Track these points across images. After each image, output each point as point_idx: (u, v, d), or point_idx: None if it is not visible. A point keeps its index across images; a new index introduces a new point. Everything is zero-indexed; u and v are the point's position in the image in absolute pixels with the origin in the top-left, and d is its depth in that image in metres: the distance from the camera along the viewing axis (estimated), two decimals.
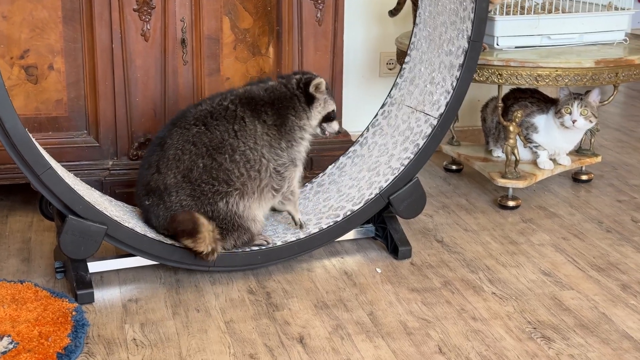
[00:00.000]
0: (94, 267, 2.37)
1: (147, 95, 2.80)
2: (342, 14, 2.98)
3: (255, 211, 2.39)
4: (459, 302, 2.32)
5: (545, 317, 2.23)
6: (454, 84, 2.50)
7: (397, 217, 2.63)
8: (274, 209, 2.56)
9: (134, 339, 2.09)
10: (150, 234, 2.34)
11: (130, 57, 2.75)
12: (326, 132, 2.51)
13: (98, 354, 2.02)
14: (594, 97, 2.98)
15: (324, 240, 2.53)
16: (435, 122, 2.54)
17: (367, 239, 2.70)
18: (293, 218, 2.51)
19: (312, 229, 2.50)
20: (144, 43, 2.76)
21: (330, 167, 2.77)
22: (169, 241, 2.33)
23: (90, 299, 2.27)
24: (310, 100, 2.46)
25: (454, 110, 2.54)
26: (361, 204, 2.53)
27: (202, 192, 2.32)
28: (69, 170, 2.53)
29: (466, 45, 2.50)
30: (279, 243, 2.47)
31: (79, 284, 2.27)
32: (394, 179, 2.53)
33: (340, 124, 2.60)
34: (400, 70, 2.76)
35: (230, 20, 2.85)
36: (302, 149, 2.46)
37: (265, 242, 2.46)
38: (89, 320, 2.14)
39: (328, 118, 2.50)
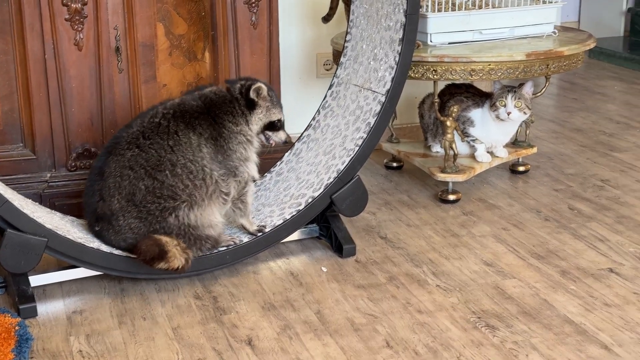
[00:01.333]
0: (35, 280, 2.34)
1: (83, 105, 2.77)
2: (276, 17, 2.99)
3: (210, 217, 2.37)
4: (404, 296, 2.35)
5: (489, 306, 2.28)
6: (397, 59, 2.53)
7: (341, 215, 2.65)
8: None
9: (80, 351, 2.07)
10: (93, 243, 2.31)
11: (64, 67, 2.72)
12: (271, 141, 2.50)
13: None
14: (527, 90, 3.05)
15: (290, 231, 2.54)
16: (383, 98, 2.56)
17: (312, 239, 2.72)
18: (247, 231, 2.50)
19: (276, 220, 2.52)
20: (77, 53, 2.73)
21: (286, 154, 2.77)
22: (115, 252, 2.31)
23: (33, 313, 2.24)
24: (251, 105, 2.45)
25: (400, 85, 2.56)
26: (321, 190, 2.54)
27: (148, 212, 2.30)
28: (7, 184, 2.49)
29: (403, 19, 2.52)
30: (245, 239, 2.47)
31: (21, 298, 2.24)
32: (350, 160, 2.54)
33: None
34: (342, 49, 2.78)
35: (164, 26, 2.84)
36: (240, 157, 2.42)
37: (232, 243, 2.45)
38: (32, 335, 2.11)
39: (273, 126, 2.48)
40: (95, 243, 2.33)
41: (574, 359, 2.01)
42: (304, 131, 2.80)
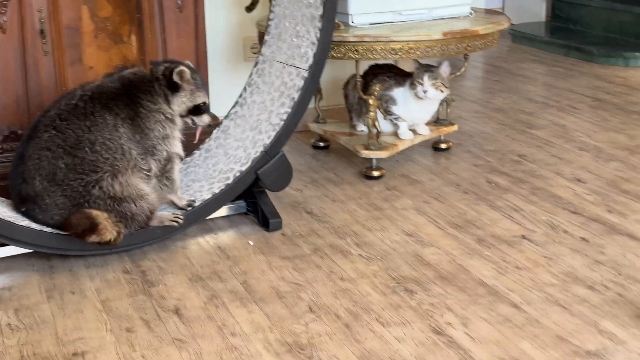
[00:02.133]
0: None
1: (8, 88, 2.78)
2: (202, 0, 3.04)
3: (138, 186, 2.40)
4: (328, 265, 2.44)
5: (408, 273, 2.38)
6: (318, 35, 2.61)
7: (267, 191, 2.73)
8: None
9: (9, 324, 2.11)
10: (23, 222, 2.34)
11: None
12: (196, 124, 2.55)
13: None
14: (443, 69, 3.16)
15: (219, 204, 2.61)
16: (306, 74, 2.64)
17: (239, 215, 2.79)
18: (176, 206, 2.55)
19: (206, 195, 2.59)
20: (1, 35, 2.74)
21: (215, 131, 2.84)
22: (46, 229, 2.34)
23: None
24: (174, 88, 2.49)
25: (322, 60, 2.64)
26: (248, 164, 2.62)
27: (72, 190, 2.34)
28: None
29: None
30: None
31: None
32: (276, 134, 2.62)
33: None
34: (266, 27, 2.86)
35: (89, 9, 2.87)
36: (158, 135, 2.45)
37: (176, 223, 2.50)
38: None
39: (197, 110, 2.51)
40: (25, 222, 2.36)
41: (486, 317, 2.13)
42: (231, 108, 2.87)
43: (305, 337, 2.04)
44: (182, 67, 2.47)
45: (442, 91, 3.15)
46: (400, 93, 3.21)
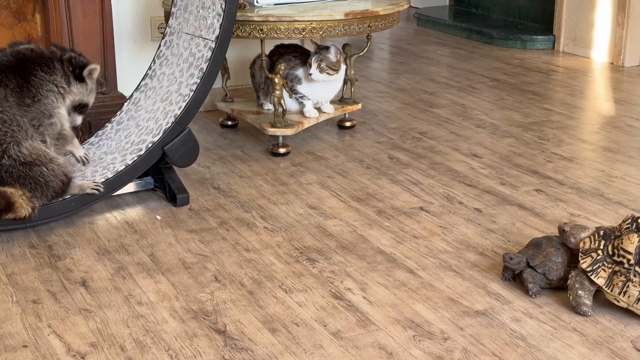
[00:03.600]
0: None
1: None
2: None
3: (45, 149, 2.44)
4: (233, 237, 2.52)
5: (311, 243, 2.48)
6: (223, 6, 2.66)
7: (174, 167, 2.78)
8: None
9: None
10: None
11: None
12: (71, 120, 2.56)
13: None
14: (331, 53, 3.24)
15: (132, 175, 2.66)
16: (213, 44, 2.69)
17: (147, 191, 2.84)
18: (74, 155, 2.58)
19: (119, 166, 2.63)
20: None
21: (125, 104, 2.87)
22: None
23: None
24: (79, 78, 2.52)
25: (228, 31, 2.69)
26: (160, 134, 2.66)
27: None
28: None
29: None
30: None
31: None
32: (186, 105, 2.67)
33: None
34: None
35: None
36: (52, 104, 2.46)
37: (97, 191, 2.54)
38: None
39: (81, 109, 2.56)
40: None
41: (383, 282, 2.25)
42: (141, 81, 2.90)
43: (210, 305, 2.12)
44: (96, 66, 2.53)
45: (329, 74, 3.22)
46: (304, 72, 3.29)
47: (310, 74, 3.20)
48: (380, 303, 2.14)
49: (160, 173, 2.78)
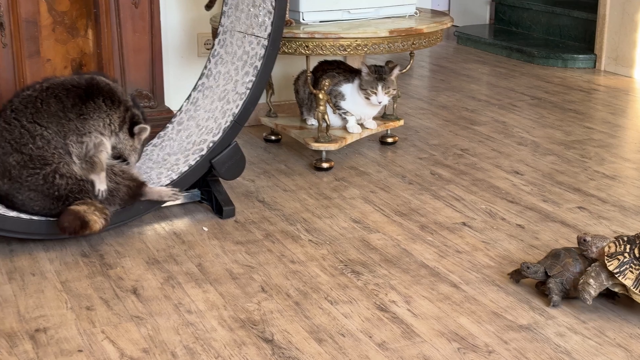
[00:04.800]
0: None
1: None
2: None
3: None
4: (279, 249, 2.56)
5: (355, 256, 2.52)
6: (273, 3, 2.72)
7: (221, 180, 2.84)
8: None
9: None
10: (12, 212, 2.42)
11: None
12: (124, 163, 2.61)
13: None
14: (395, 75, 3.31)
15: (196, 176, 2.73)
16: (266, 42, 2.75)
17: (194, 203, 2.90)
18: (94, 185, 2.52)
19: (182, 167, 2.70)
20: None
21: (184, 103, 2.94)
22: (35, 217, 2.44)
23: None
24: (130, 133, 2.58)
25: (280, 28, 2.74)
26: (220, 134, 2.73)
27: (34, 184, 2.42)
28: None
29: None
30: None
31: None
32: (244, 103, 2.73)
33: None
34: None
35: (47, 3, 2.95)
36: (100, 125, 2.50)
37: (175, 197, 2.65)
38: None
39: (118, 158, 2.59)
40: (14, 212, 2.44)
41: (427, 295, 2.28)
42: (198, 80, 2.97)
43: (257, 314, 2.16)
44: (147, 127, 2.59)
45: (392, 94, 3.31)
46: (348, 89, 3.35)
47: (380, 102, 3.28)
48: (425, 316, 2.17)
49: (207, 185, 2.84)
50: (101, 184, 2.52)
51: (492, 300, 2.25)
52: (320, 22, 3.22)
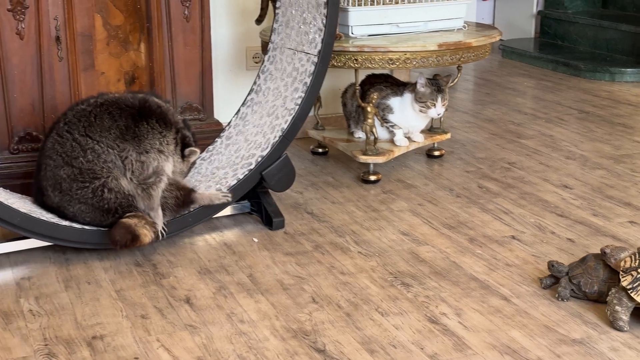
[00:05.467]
0: None
1: (25, 91, 2.92)
2: (208, 11, 3.19)
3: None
4: (328, 261, 2.58)
5: (404, 268, 2.53)
6: (324, 21, 2.76)
7: (270, 192, 2.87)
8: None
9: (30, 310, 2.24)
10: (65, 222, 2.48)
11: (6, 56, 2.86)
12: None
13: None
14: (449, 86, 3.34)
15: (245, 189, 2.77)
16: (315, 59, 2.78)
17: (243, 215, 2.93)
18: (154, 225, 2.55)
19: (231, 181, 2.74)
20: (19, 41, 2.88)
21: (233, 118, 2.99)
22: (87, 227, 2.49)
23: None
24: (182, 155, 2.63)
25: (330, 45, 2.78)
26: (269, 149, 2.77)
27: (84, 197, 2.48)
28: None
29: None
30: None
31: None
32: (292, 118, 2.77)
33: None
34: (274, 15, 3.01)
35: (102, 17, 3.02)
36: (154, 146, 2.53)
37: (226, 199, 2.66)
38: None
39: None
40: (66, 222, 2.50)
41: (478, 308, 2.27)
42: (247, 95, 3.01)
43: (309, 325, 2.18)
44: (197, 150, 2.64)
45: (446, 105, 3.35)
46: (396, 102, 3.36)
47: (439, 114, 3.32)
48: (476, 328, 2.17)
49: (256, 197, 2.87)
50: (159, 221, 2.53)
51: (543, 314, 2.24)
52: (369, 35, 3.24)
